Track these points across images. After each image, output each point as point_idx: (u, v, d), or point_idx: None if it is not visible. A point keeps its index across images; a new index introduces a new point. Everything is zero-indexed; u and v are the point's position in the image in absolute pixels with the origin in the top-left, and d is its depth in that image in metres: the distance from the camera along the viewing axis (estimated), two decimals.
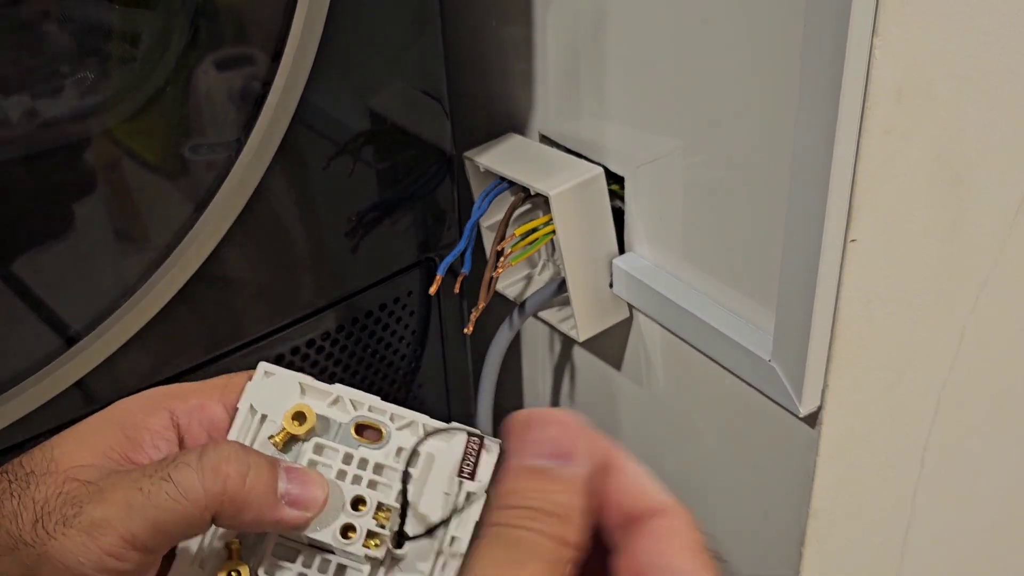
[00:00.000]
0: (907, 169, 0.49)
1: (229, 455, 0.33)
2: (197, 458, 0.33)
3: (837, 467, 0.58)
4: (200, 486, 0.32)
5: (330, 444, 0.37)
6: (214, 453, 0.33)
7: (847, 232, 0.49)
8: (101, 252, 0.52)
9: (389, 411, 0.37)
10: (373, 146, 0.61)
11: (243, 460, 0.33)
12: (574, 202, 0.61)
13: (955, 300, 0.58)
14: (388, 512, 0.36)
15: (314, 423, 0.37)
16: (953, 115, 0.50)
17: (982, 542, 0.76)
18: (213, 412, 0.37)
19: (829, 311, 0.51)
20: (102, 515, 0.32)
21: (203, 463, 0.33)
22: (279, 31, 0.52)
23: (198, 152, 0.53)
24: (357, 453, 0.37)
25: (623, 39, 0.57)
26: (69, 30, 0.47)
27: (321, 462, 0.37)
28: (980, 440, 0.68)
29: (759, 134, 0.51)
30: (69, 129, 0.49)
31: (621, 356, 0.69)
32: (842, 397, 0.55)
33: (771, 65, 0.49)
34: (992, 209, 0.55)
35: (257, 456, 0.34)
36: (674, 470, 0.69)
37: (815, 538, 0.60)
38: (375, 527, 0.35)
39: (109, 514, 0.32)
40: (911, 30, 0.45)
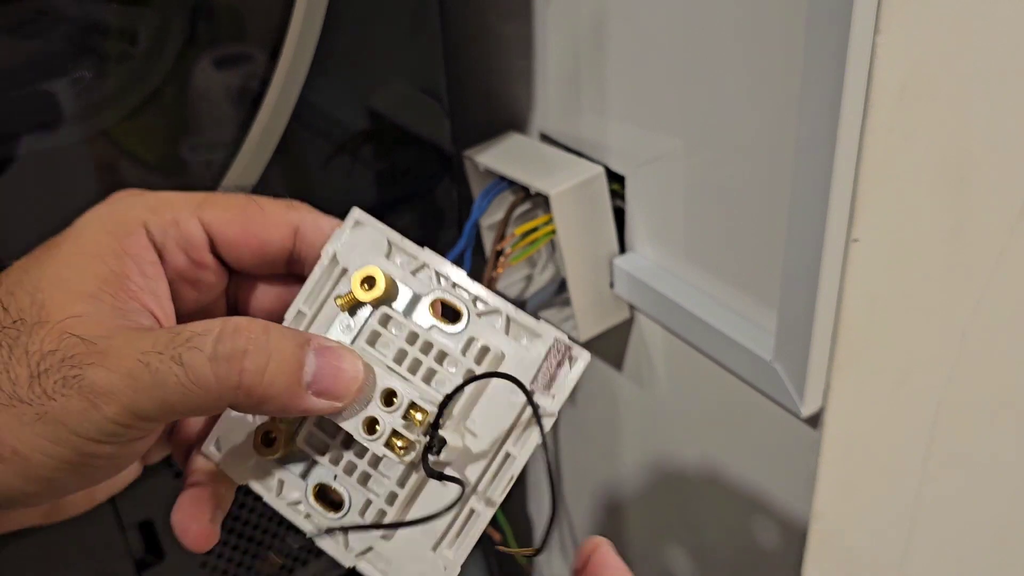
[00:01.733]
0: (910, 168, 0.49)
1: (247, 345, 0.30)
2: (212, 343, 0.30)
3: (839, 469, 0.58)
4: (212, 376, 0.30)
5: (398, 317, 0.34)
6: (231, 341, 0.30)
7: (849, 232, 0.48)
8: None
9: (474, 292, 0.34)
10: (372, 145, 0.61)
11: (263, 350, 0.30)
12: (574, 202, 0.61)
13: (958, 300, 0.58)
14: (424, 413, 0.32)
15: (382, 292, 0.33)
16: (957, 114, 0.49)
17: (986, 544, 0.75)
18: (189, 229, 0.34)
19: (831, 312, 0.51)
20: (105, 383, 0.30)
21: (217, 351, 0.30)
22: (277, 29, 0.52)
23: (196, 151, 0.53)
24: (424, 335, 0.33)
25: (624, 38, 0.57)
26: (66, 28, 0.47)
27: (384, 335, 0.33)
28: (983, 441, 0.67)
29: (761, 133, 0.51)
30: (66, 128, 0.48)
31: (622, 356, 0.69)
32: (844, 398, 0.54)
33: (773, 63, 0.49)
34: (996, 209, 0.55)
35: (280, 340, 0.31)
36: (675, 471, 0.69)
37: (817, 540, 0.60)
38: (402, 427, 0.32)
39: (113, 383, 0.30)
40: (914, 28, 0.44)
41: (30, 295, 0.32)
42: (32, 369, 0.30)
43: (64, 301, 0.32)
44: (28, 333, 0.31)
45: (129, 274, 0.33)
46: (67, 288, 0.32)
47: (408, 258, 0.35)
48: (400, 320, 0.34)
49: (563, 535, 0.85)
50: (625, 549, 0.78)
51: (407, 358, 0.33)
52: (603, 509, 0.79)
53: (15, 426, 0.30)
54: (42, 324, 0.31)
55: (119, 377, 0.30)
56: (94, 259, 0.33)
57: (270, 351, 0.31)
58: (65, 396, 0.30)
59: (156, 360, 0.30)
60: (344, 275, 0.35)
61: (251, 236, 0.35)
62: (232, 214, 0.35)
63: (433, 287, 0.34)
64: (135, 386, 0.30)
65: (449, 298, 0.34)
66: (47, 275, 0.32)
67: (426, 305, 0.34)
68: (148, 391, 0.30)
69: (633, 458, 0.73)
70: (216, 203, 0.35)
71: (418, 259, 0.35)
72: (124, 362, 0.30)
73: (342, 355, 0.32)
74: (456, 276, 0.34)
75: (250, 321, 0.31)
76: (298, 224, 0.36)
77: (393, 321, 0.34)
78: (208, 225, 0.35)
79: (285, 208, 0.36)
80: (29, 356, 0.31)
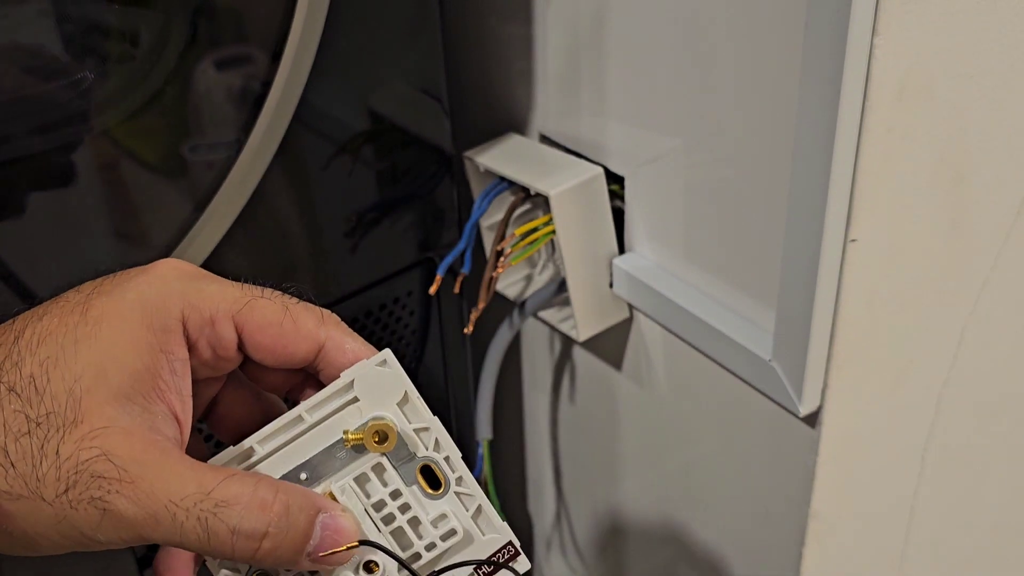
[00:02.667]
0: (908, 168, 0.49)
1: (269, 526, 0.33)
2: (239, 517, 0.32)
3: (837, 467, 0.58)
4: (231, 547, 0.32)
5: (390, 469, 0.36)
6: (255, 519, 0.32)
7: (847, 231, 0.49)
8: (101, 252, 0.52)
9: (460, 473, 0.37)
10: (373, 146, 0.61)
11: (282, 531, 0.33)
12: (574, 202, 0.61)
13: (956, 300, 0.58)
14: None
15: (390, 448, 0.36)
16: (954, 114, 0.49)
17: (983, 543, 0.75)
18: (223, 332, 0.36)
19: (829, 311, 0.51)
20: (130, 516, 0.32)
21: (241, 527, 0.32)
22: (279, 30, 0.52)
23: (198, 152, 0.53)
24: (406, 494, 0.36)
25: (623, 38, 0.57)
26: (68, 29, 0.47)
27: (372, 481, 0.36)
28: (981, 440, 0.68)
29: (759, 133, 0.51)
30: (68, 129, 0.48)
31: (621, 356, 0.69)
32: (842, 397, 0.55)
33: (771, 64, 0.49)
34: (993, 208, 0.55)
35: (297, 517, 0.33)
36: (674, 470, 0.69)
37: (815, 539, 0.60)
38: None
39: (135, 517, 0.32)
40: (912, 28, 0.45)
41: (68, 385, 0.33)
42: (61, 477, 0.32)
43: (101, 401, 0.33)
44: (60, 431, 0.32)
45: (161, 372, 0.34)
46: (105, 385, 0.33)
47: (417, 415, 0.37)
48: (391, 474, 0.36)
49: (563, 534, 0.86)
50: (624, 547, 0.78)
51: (384, 509, 0.36)
52: (602, 507, 0.79)
53: (30, 516, 0.32)
54: (77, 425, 0.32)
55: (143, 515, 0.32)
56: (131, 352, 0.34)
57: (286, 534, 0.33)
58: (86, 511, 0.32)
59: (183, 515, 0.32)
60: (354, 403, 0.37)
61: (280, 346, 0.36)
62: (267, 323, 0.36)
63: (427, 452, 0.37)
64: (155, 526, 0.32)
65: (439, 468, 0.36)
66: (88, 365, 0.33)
67: (416, 466, 0.36)
68: (167, 534, 0.32)
69: (632, 457, 0.73)
70: (255, 310, 0.36)
71: (425, 422, 0.37)
72: (151, 503, 0.32)
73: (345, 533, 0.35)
74: (451, 451, 0.37)
75: (275, 497, 0.33)
76: (325, 341, 0.37)
77: (386, 472, 0.36)
78: (242, 328, 0.36)
79: (316, 323, 0.37)
80: (60, 461, 0.32)
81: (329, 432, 0.36)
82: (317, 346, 0.37)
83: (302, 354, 0.37)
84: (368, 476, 0.36)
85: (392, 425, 0.36)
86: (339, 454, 0.36)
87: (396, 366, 0.37)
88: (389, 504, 0.36)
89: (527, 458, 0.87)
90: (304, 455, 0.36)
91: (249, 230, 0.56)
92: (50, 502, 0.32)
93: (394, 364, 0.37)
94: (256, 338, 0.36)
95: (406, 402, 0.37)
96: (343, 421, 0.36)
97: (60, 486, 0.32)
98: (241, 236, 0.55)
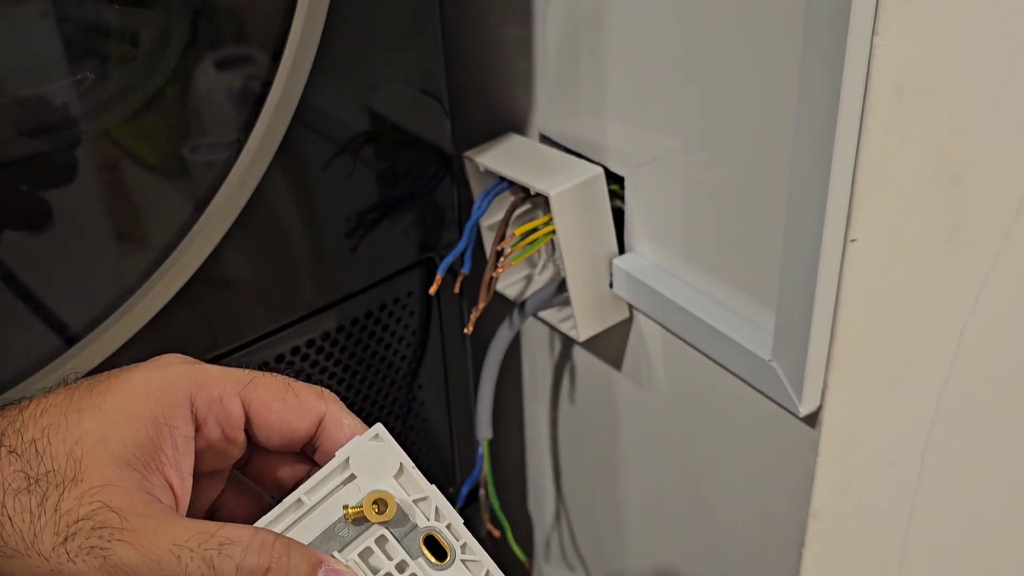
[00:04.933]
0: (907, 168, 0.49)
1: (271, 563, 0.33)
2: (242, 554, 0.32)
3: (837, 467, 0.58)
4: None
5: (393, 541, 0.36)
6: (259, 556, 0.33)
7: (847, 231, 0.49)
8: (101, 252, 0.52)
9: (464, 540, 0.37)
10: (373, 146, 0.61)
11: (283, 569, 0.33)
12: (574, 202, 0.61)
13: (955, 299, 0.58)
14: None
15: (391, 518, 0.36)
16: (954, 114, 0.50)
17: (983, 542, 0.76)
18: (231, 408, 0.37)
19: (829, 311, 0.51)
20: (132, 562, 0.32)
21: (245, 563, 0.32)
22: (279, 31, 0.52)
23: (198, 152, 0.53)
24: (412, 566, 0.36)
25: (623, 38, 0.57)
26: (68, 30, 0.47)
27: (376, 554, 0.36)
28: (980, 440, 0.68)
29: (759, 133, 0.51)
30: (69, 129, 0.49)
31: (621, 356, 0.69)
32: (842, 397, 0.55)
33: (771, 64, 0.49)
34: (992, 208, 0.56)
35: (299, 561, 0.34)
36: (674, 470, 0.69)
37: (815, 539, 0.60)
38: None
39: (138, 564, 0.32)
40: (911, 29, 0.45)
41: (68, 447, 0.33)
42: (59, 531, 0.32)
43: (102, 463, 0.33)
44: (60, 489, 0.32)
45: (163, 445, 0.35)
46: (106, 449, 0.33)
47: (415, 486, 0.37)
48: (395, 546, 0.37)
49: (563, 534, 0.86)
50: (624, 547, 0.79)
51: None
52: (602, 507, 0.79)
53: (22, 574, 0.32)
54: (76, 483, 0.33)
55: (146, 561, 0.32)
56: (135, 422, 0.34)
57: (288, 571, 0.33)
58: (85, 563, 0.32)
59: (187, 556, 0.32)
60: (351, 480, 0.37)
61: (284, 421, 0.37)
62: (272, 397, 0.37)
63: (430, 522, 0.37)
64: (159, 572, 0.32)
65: (442, 537, 0.37)
66: (90, 430, 0.34)
67: (419, 536, 0.37)
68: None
69: (631, 456, 0.73)
70: (259, 386, 0.37)
71: (424, 492, 0.37)
72: (155, 548, 0.32)
73: None
74: (452, 519, 0.37)
75: (276, 539, 0.34)
76: (324, 414, 0.38)
77: (389, 544, 0.37)
78: (248, 405, 0.37)
79: (316, 397, 0.38)
80: (59, 515, 0.32)
81: (329, 512, 0.37)
82: (318, 419, 0.38)
83: (305, 428, 0.38)
84: (372, 549, 0.36)
85: (391, 493, 0.36)
86: (341, 532, 0.36)
87: (389, 439, 0.37)
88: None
89: (527, 458, 0.87)
90: (306, 538, 0.36)
91: (249, 230, 0.56)
92: (46, 556, 0.32)
93: (387, 437, 0.37)
94: (262, 415, 0.37)
95: (402, 474, 0.37)
96: (342, 499, 0.37)
97: (58, 538, 0.32)
98: (241, 236, 0.55)
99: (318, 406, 0.38)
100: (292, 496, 0.37)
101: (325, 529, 0.36)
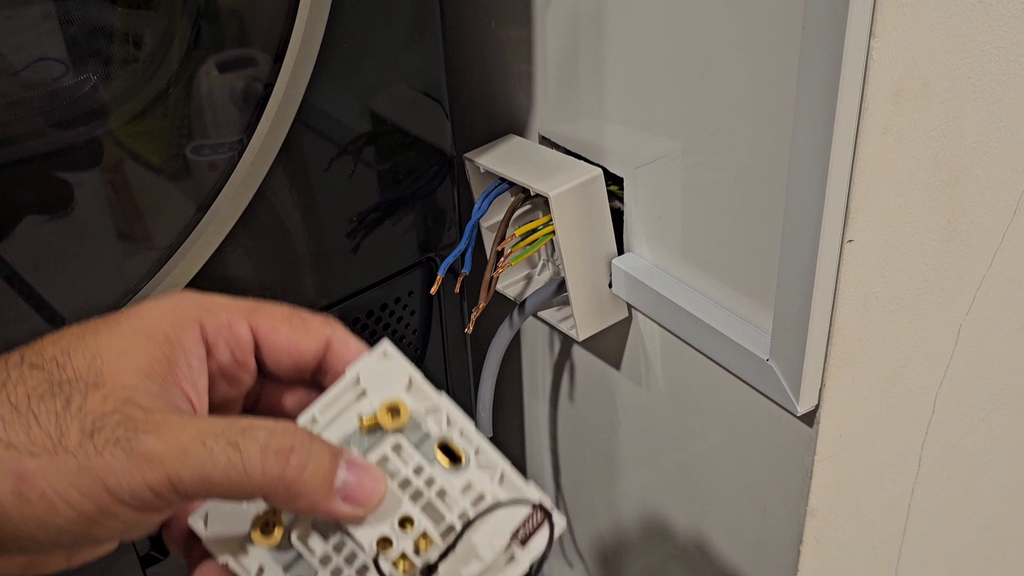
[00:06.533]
0: (904, 169, 0.50)
1: (295, 443, 0.33)
2: (267, 435, 0.33)
3: (834, 466, 0.58)
4: (261, 466, 0.33)
5: (409, 449, 0.37)
6: (282, 437, 0.33)
7: (844, 232, 0.49)
8: (104, 253, 0.52)
9: (477, 443, 0.37)
10: (374, 147, 0.61)
11: (306, 450, 0.33)
12: (574, 203, 0.61)
13: (952, 300, 0.58)
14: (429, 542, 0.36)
15: (405, 423, 0.36)
16: (950, 115, 0.50)
17: (979, 541, 0.76)
18: (239, 332, 0.37)
19: (826, 311, 0.51)
20: (157, 450, 0.32)
21: (270, 444, 0.33)
22: (281, 33, 0.52)
23: (200, 153, 0.53)
24: (429, 469, 0.36)
25: (622, 40, 0.58)
26: (72, 32, 0.47)
27: (393, 461, 0.36)
28: (977, 439, 0.68)
29: (757, 135, 0.52)
30: (72, 131, 0.49)
31: (620, 356, 0.69)
32: (839, 396, 0.55)
33: (769, 66, 0.49)
34: (989, 209, 0.56)
35: (321, 447, 0.34)
36: (672, 469, 0.70)
37: (812, 537, 0.60)
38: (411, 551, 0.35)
39: (164, 451, 0.32)
40: (909, 31, 0.45)
41: (87, 359, 0.34)
42: (86, 427, 0.32)
43: (121, 371, 0.34)
44: (83, 392, 0.33)
45: (178, 362, 0.36)
46: (126, 360, 0.34)
47: (425, 397, 0.38)
48: (411, 452, 0.37)
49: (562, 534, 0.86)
50: (623, 545, 0.79)
51: (410, 487, 0.37)
52: (601, 506, 0.80)
53: (51, 473, 0.32)
54: (99, 387, 0.33)
55: (172, 448, 0.32)
56: (150, 341, 0.35)
57: (311, 452, 0.34)
58: (112, 455, 0.32)
59: (212, 441, 0.32)
60: (363, 396, 0.37)
61: (292, 343, 0.38)
62: (279, 321, 0.38)
63: (443, 430, 0.37)
64: (184, 459, 0.32)
65: (455, 442, 0.37)
66: (107, 345, 0.35)
67: (433, 443, 0.37)
68: (196, 466, 0.32)
69: (630, 455, 0.73)
70: (265, 311, 0.38)
71: (434, 401, 0.38)
72: (181, 436, 0.32)
73: (369, 470, 0.35)
74: (464, 424, 0.38)
75: (296, 426, 0.34)
76: (331, 337, 0.39)
77: (404, 451, 0.37)
78: (256, 330, 0.38)
79: (322, 322, 0.39)
80: (84, 414, 0.33)
81: (344, 425, 0.37)
82: (325, 341, 0.38)
83: (313, 350, 0.38)
84: (388, 457, 0.36)
85: (402, 401, 0.37)
86: (357, 443, 0.37)
87: (397, 354, 0.37)
88: (414, 481, 0.36)
89: (527, 457, 0.87)
90: None
91: (251, 231, 0.56)
92: (73, 452, 0.32)
93: (395, 353, 0.38)
94: (271, 337, 0.38)
95: (412, 386, 0.37)
96: (356, 411, 0.37)
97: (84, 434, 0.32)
98: (243, 237, 0.56)
99: (324, 329, 0.38)
100: (306, 413, 0.37)
101: (341, 440, 0.37)
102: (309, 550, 0.36)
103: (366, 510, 0.35)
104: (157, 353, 0.35)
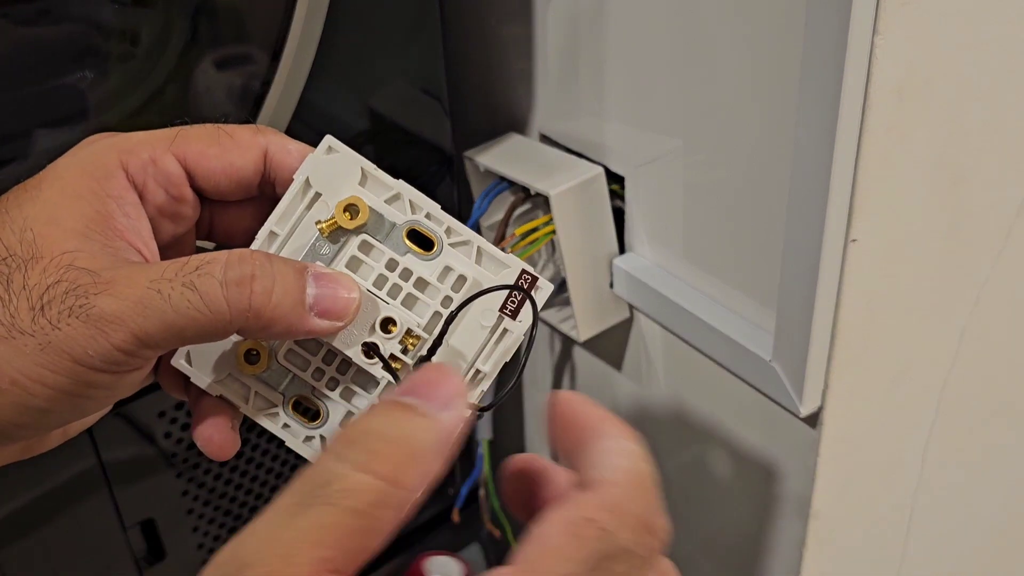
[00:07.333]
0: (908, 169, 0.49)
1: (254, 269, 0.32)
2: (222, 269, 0.31)
3: (838, 467, 0.58)
4: (224, 301, 0.31)
5: (377, 245, 0.35)
6: (238, 268, 0.31)
7: (848, 232, 0.49)
8: None
9: (447, 223, 0.35)
10: (373, 145, 0.61)
11: (268, 274, 0.32)
12: (574, 202, 0.61)
13: (956, 300, 0.58)
14: (416, 340, 0.34)
15: (366, 219, 0.35)
16: (954, 114, 0.50)
17: (984, 543, 0.76)
18: (167, 166, 0.35)
19: (830, 311, 0.51)
20: (114, 310, 0.31)
21: (228, 276, 0.31)
22: (279, 30, 0.52)
23: None
24: (403, 261, 0.35)
25: (623, 38, 0.57)
26: (69, 28, 0.47)
27: (364, 262, 0.35)
28: (981, 440, 0.68)
29: (759, 133, 0.51)
30: (69, 127, 0.49)
31: (621, 356, 0.69)
32: (843, 397, 0.55)
33: (771, 64, 0.49)
34: (993, 208, 0.56)
35: (283, 266, 0.32)
36: (674, 470, 0.69)
37: (815, 539, 0.60)
38: (399, 352, 0.34)
39: (122, 310, 0.31)
40: (912, 29, 0.45)
41: (17, 233, 0.32)
42: (33, 302, 0.31)
43: (57, 238, 0.32)
44: (22, 268, 0.32)
45: (113, 215, 0.34)
46: (58, 226, 0.32)
47: (382, 187, 0.36)
48: (380, 248, 0.35)
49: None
50: None
51: (387, 284, 0.35)
52: None
53: (15, 357, 0.31)
54: (37, 260, 0.32)
55: (129, 304, 0.31)
56: (78, 200, 0.33)
57: (274, 275, 0.32)
58: (71, 325, 0.31)
59: (167, 287, 0.31)
60: (318, 200, 0.35)
61: (226, 164, 0.36)
62: (205, 144, 0.36)
63: (408, 216, 0.35)
64: (145, 313, 0.31)
65: (423, 227, 0.35)
66: (33, 215, 0.33)
67: (401, 233, 0.35)
68: (158, 317, 0.31)
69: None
70: (189, 136, 0.36)
71: (393, 189, 0.35)
72: (134, 290, 0.31)
73: (339, 279, 0.33)
74: (429, 207, 0.35)
75: (252, 251, 0.33)
76: (267, 147, 0.36)
77: (373, 248, 0.35)
78: (184, 159, 0.35)
79: (253, 132, 0.37)
80: (29, 290, 0.31)
81: (303, 234, 0.35)
82: (261, 153, 0.36)
83: (251, 166, 0.36)
84: (358, 258, 0.35)
85: (358, 197, 0.35)
86: (322, 250, 0.35)
87: (344, 148, 0.36)
88: (390, 276, 0.35)
89: None
90: None
91: None
92: (30, 332, 0.31)
93: (341, 147, 0.36)
94: (201, 164, 0.36)
95: (366, 178, 0.36)
96: (313, 218, 0.35)
97: (34, 311, 0.31)
98: None
99: (257, 140, 0.36)
100: (263, 231, 0.36)
101: (306, 252, 0.35)
102: (300, 368, 0.35)
103: (345, 321, 0.33)
104: (88, 211, 0.33)
